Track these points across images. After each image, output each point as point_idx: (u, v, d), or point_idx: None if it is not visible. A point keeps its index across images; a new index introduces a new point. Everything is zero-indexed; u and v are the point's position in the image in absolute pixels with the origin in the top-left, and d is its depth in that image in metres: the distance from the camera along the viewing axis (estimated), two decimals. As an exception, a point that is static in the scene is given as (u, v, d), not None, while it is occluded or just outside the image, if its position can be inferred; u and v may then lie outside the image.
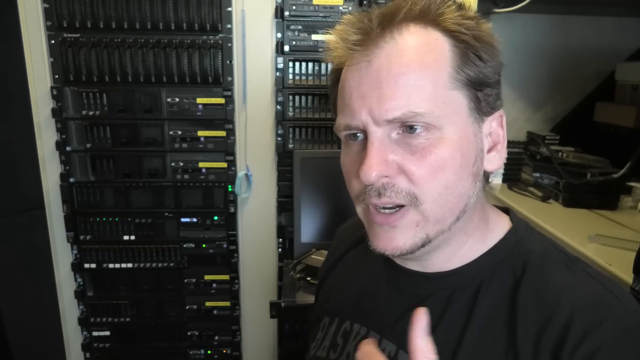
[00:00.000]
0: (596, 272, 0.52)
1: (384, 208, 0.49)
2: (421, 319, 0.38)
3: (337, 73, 0.54)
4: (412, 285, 0.57)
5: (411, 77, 0.47)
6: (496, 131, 0.53)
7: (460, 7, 0.50)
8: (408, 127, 0.47)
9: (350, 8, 1.40)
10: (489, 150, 0.53)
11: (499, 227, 0.57)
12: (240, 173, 1.49)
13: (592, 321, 0.45)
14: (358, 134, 0.51)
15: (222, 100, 1.42)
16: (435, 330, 0.52)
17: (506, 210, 0.61)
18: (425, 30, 0.48)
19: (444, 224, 0.50)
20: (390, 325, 0.57)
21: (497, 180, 1.58)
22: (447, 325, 0.52)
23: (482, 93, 0.50)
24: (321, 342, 0.64)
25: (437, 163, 0.47)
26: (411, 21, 0.48)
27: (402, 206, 0.49)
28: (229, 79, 1.41)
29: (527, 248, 0.53)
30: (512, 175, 1.57)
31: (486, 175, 0.55)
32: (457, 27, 0.48)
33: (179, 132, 1.44)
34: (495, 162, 0.54)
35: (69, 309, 1.55)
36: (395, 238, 0.50)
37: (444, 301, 0.54)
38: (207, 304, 1.57)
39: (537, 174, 1.49)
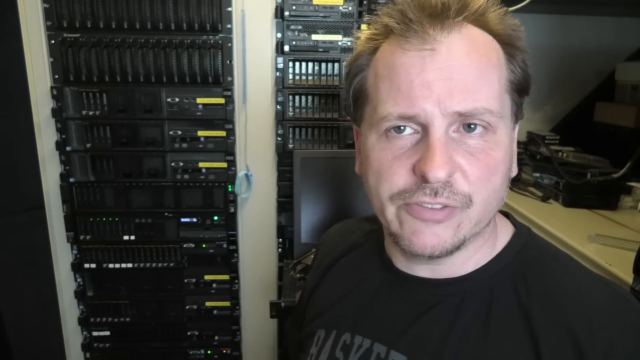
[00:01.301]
0: (598, 274, 0.52)
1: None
2: None
3: (368, 57, 0.51)
4: (418, 292, 0.55)
5: (483, 72, 0.46)
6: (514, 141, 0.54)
7: (505, 12, 0.50)
8: (467, 126, 0.46)
9: (350, 8, 1.40)
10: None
11: (504, 230, 0.57)
12: (240, 173, 1.49)
13: (614, 333, 0.45)
14: (402, 127, 0.47)
15: (222, 100, 1.42)
16: (447, 340, 0.50)
17: (505, 213, 0.61)
18: (480, 31, 0.48)
19: (480, 227, 0.50)
20: (398, 335, 0.54)
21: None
22: (462, 335, 0.50)
23: (520, 101, 0.51)
24: (317, 357, 0.60)
25: (494, 165, 0.47)
26: (469, 18, 0.47)
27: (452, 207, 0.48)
28: (229, 79, 1.41)
29: (534, 252, 0.53)
30: (512, 175, 1.56)
31: None
32: (508, 31, 0.48)
33: (179, 132, 1.44)
34: (514, 170, 0.54)
35: (69, 309, 1.55)
36: (438, 234, 0.48)
37: (454, 308, 0.52)
38: (207, 304, 1.57)
39: (537, 174, 1.49)
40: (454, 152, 0.46)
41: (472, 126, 0.46)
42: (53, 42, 1.34)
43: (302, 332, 0.68)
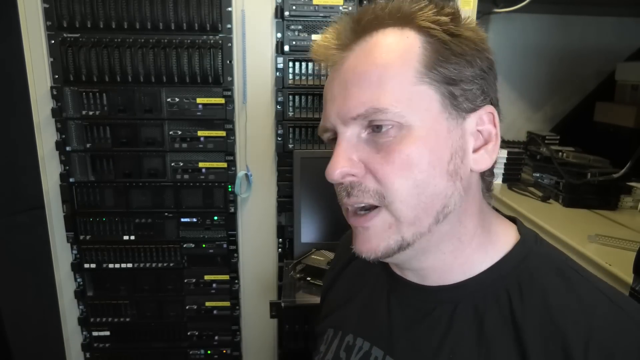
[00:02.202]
0: (608, 287, 0.49)
1: (360, 210, 0.50)
2: None
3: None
4: (413, 298, 0.56)
5: (373, 74, 0.47)
6: (487, 129, 0.50)
7: (437, 4, 0.49)
8: (375, 127, 0.47)
9: (350, 8, 1.40)
10: (477, 149, 0.50)
11: (504, 238, 0.53)
12: (240, 173, 1.49)
13: (612, 355, 0.43)
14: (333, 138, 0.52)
15: (222, 100, 1.42)
16: (440, 349, 0.50)
17: (513, 219, 0.57)
18: (398, 29, 0.48)
19: (421, 226, 0.48)
20: (394, 340, 0.54)
21: (497, 180, 1.58)
22: (453, 346, 0.50)
23: (457, 88, 0.48)
24: (324, 356, 0.62)
25: (400, 161, 0.46)
26: (384, 21, 0.49)
27: (375, 207, 0.49)
28: (229, 79, 1.41)
29: (536, 263, 0.50)
30: (512, 175, 1.57)
31: (484, 178, 0.53)
32: (428, 23, 0.48)
33: (179, 132, 1.44)
34: (484, 161, 0.50)
35: (69, 309, 1.55)
36: (369, 240, 0.50)
37: (447, 317, 0.51)
38: (207, 304, 1.57)
39: (537, 174, 1.49)
40: (357, 152, 0.48)
41: (380, 126, 0.47)
42: (53, 42, 1.34)
43: (315, 329, 0.70)
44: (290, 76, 1.44)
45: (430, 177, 0.47)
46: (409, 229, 0.48)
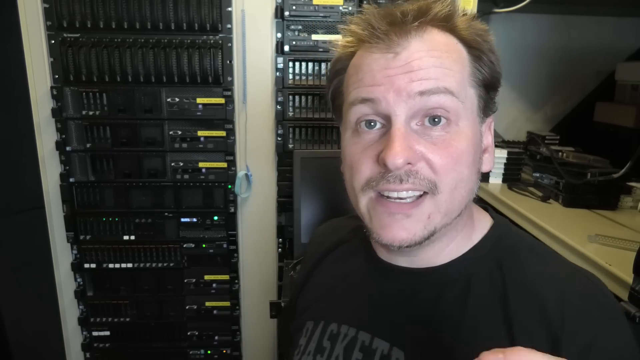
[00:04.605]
0: (568, 261, 0.56)
1: (399, 198, 0.51)
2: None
3: (345, 62, 0.55)
4: (400, 282, 0.58)
5: (443, 63, 0.49)
6: (486, 135, 0.56)
7: (473, 18, 0.54)
8: (430, 119, 0.49)
9: (350, 8, 1.40)
10: (484, 152, 0.56)
11: (482, 223, 0.59)
12: (240, 173, 1.49)
13: (582, 312, 0.48)
14: (372, 122, 0.52)
15: (222, 100, 1.42)
16: (427, 327, 0.53)
17: (485, 207, 0.64)
18: (445, 34, 0.52)
19: (450, 217, 0.52)
20: (381, 323, 0.57)
21: (497, 180, 1.58)
22: (441, 322, 0.53)
23: (488, 95, 0.54)
24: (305, 348, 0.63)
25: (457, 155, 0.50)
26: (435, 24, 0.51)
27: (419, 196, 0.50)
28: (229, 79, 1.41)
29: (510, 243, 0.57)
30: (512, 175, 1.57)
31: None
32: (474, 37, 0.52)
33: (179, 132, 1.44)
34: (488, 163, 0.57)
35: (69, 309, 1.55)
36: (407, 228, 0.51)
37: (434, 296, 0.55)
38: (207, 304, 1.57)
39: (537, 174, 1.49)
40: (415, 142, 0.49)
41: (436, 119, 0.49)
42: (53, 42, 1.34)
43: (291, 326, 0.71)
44: (290, 76, 1.44)
45: (471, 173, 0.52)
46: (442, 220, 0.51)
